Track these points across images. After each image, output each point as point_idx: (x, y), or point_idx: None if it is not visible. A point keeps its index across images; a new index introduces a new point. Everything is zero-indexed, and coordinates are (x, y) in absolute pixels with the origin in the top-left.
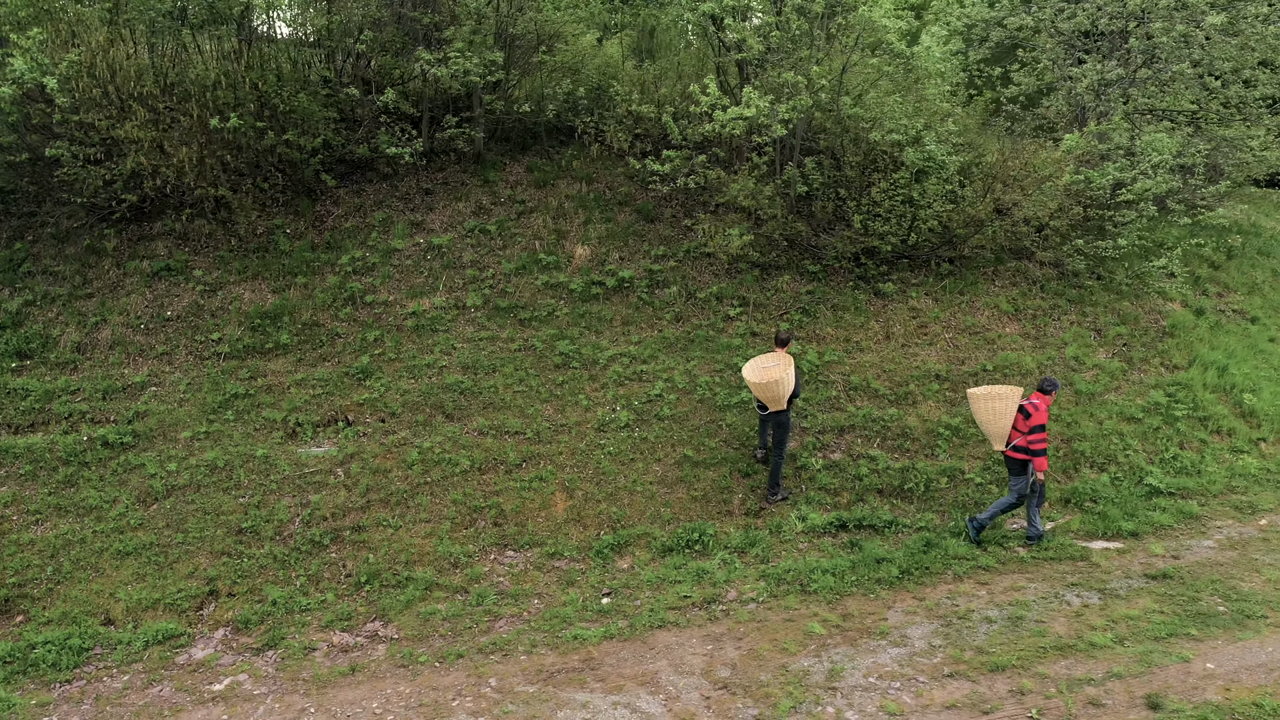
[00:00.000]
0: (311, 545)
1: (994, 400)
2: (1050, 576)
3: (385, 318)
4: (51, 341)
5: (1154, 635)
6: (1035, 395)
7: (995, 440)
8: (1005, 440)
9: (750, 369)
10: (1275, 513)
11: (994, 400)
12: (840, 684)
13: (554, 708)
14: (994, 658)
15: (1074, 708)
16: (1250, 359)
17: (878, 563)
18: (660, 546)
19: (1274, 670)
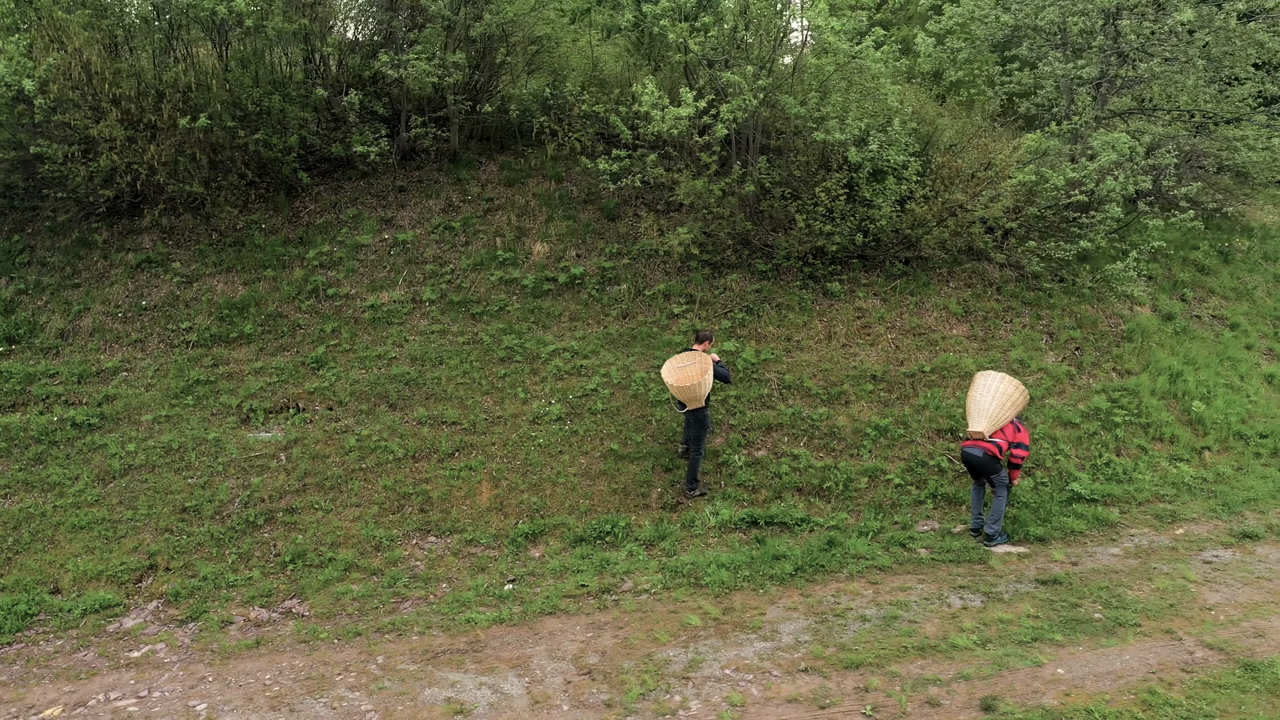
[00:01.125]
0: (246, 525)
1: (1006, 384)
2: (941, 578)
3: (345, 310)
4: (38, 328)
5: (1018, 639)
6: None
7: (984, 420)
8: (996, 427)
9: (668, 369)
10: (1196, 522)
11: (1006, 384)
12: (696, 674)
13: (425, 685)
14: (853, 655)
15: (910, 706)
16: (1214, 366)
17: (775, 559)
18: (573, 537)
19: (1121, 678)
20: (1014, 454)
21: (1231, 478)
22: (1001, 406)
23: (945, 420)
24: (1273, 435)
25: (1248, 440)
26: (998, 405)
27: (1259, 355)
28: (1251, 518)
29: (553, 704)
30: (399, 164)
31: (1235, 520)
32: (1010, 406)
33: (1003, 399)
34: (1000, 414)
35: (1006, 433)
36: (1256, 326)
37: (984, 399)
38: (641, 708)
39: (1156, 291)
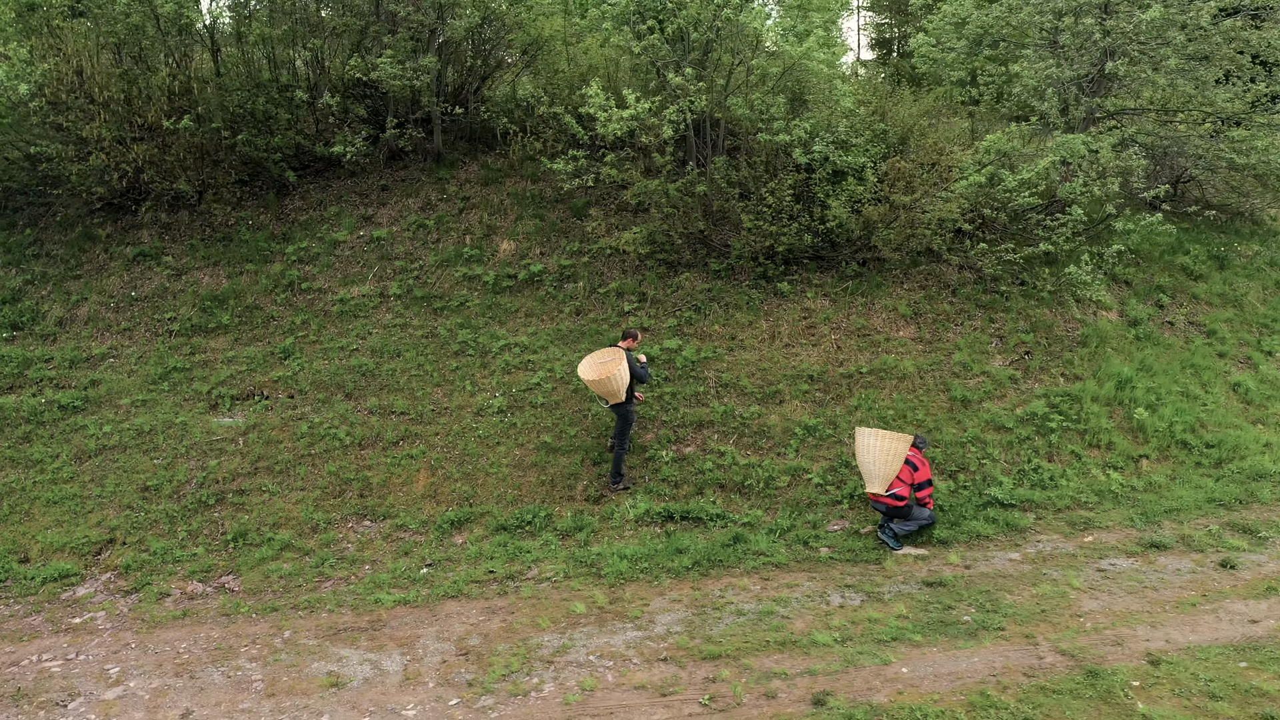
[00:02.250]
0: (199, 504)
1: (891, 442)
2: (831, 577)
3: (316, 303)
4: (40, 316)
5: (879, 638)
6: (912, 448)
7: (877, 482)
8: (887, 485)
9: (585, 366)
10: (1109, 530)
11: (891, 442)
12: (561, 659)
13: (316, 659)
14: (715, 647)
15: (746, 697)
16: (1173, 373)
17: (676, 553)
18: (496, 525)
19: (959, 679)
20: (919, 495)
21: (1163, 486)
22: (887, 463)
23: (875, 422)
24: (1220, 445)
25: (1191, 449)
26: (883, 463)
27: (1232, 363)
28: (1168, 527)
29: (421, 681)
30: (385, 164)
31: (1150, 530)
32: (895, 457)
33: (886, 455)
34: (889, 469)
35: (904, 477)
36: (1238, 334)
37: (868, 460)
38: (498, 688)
39: (1129, 296)
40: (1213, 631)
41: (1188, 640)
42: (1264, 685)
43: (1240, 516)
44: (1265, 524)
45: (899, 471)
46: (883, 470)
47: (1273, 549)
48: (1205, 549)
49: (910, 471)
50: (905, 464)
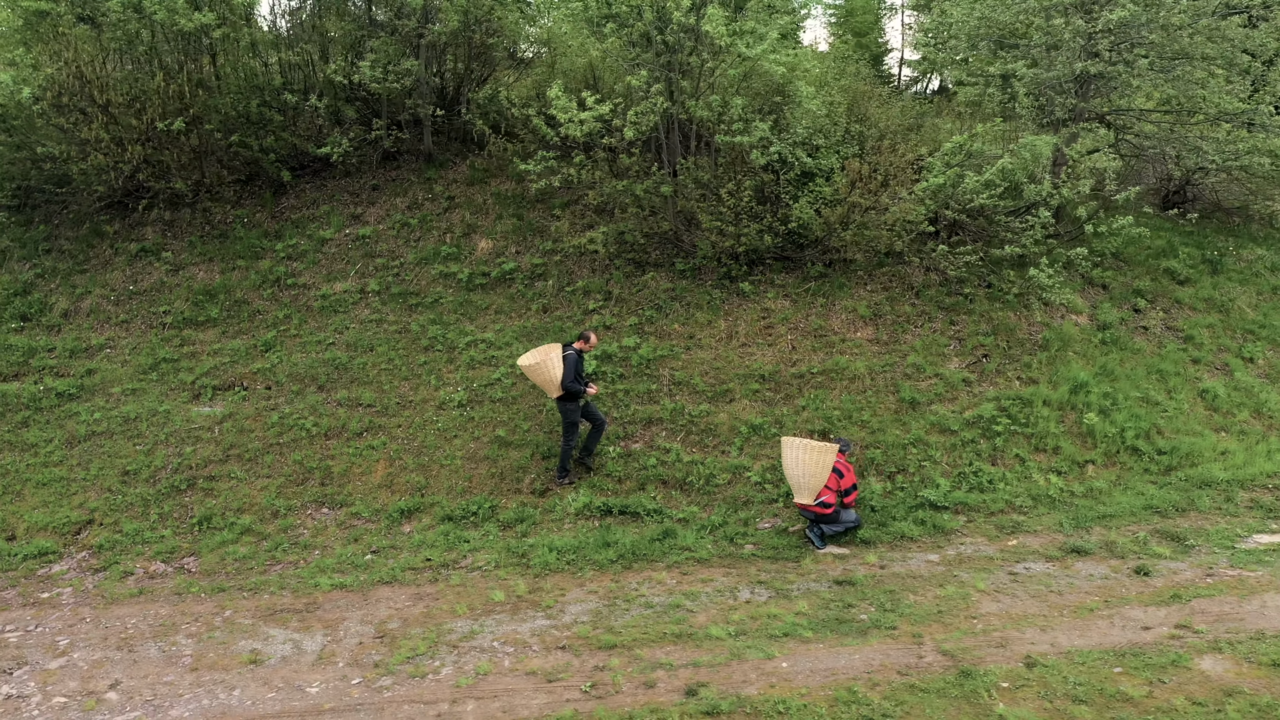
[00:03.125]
0: (172, 489)
1: (819, 453)
2: (747, 573)
3: (300, 299)
4: (47, 307)
5: (771, 633)
6: (838, 454)
7: (806, 494)
8: (816, 494)
9: (525, 355)
10: (1035, 535)
11: (819, 453)
12: (467, 644)
13: (245, 638)
14: (613, 637)
15: (625, 686)
16: (1137, 378)
17: (604, 546)
18: (443, 515)
19: (835, 675)
20: (846, 500)
21: (1103, 492)
22: (814, 473)
23: (821, 422)
24: (1173, 452)
25: (1141, 455)
26: (810, 474)
27: (1205, 369)
28: (1096, 533)
29: (333, 661)
30: (379, 164)
31: (1077, 535)
32: (823, 468)
33: (812, 466)
34: (816, 479)
35: (831, 485)
36: (1219, 339)
37: (796, 471)
38: (401, 669)
39: (1103, 300)
40: (1101, 637)
41: (1072, 644)
42: (1130, 690)
43: (1173, 524)
44: (1196, 532)
45: (826, 480)
46: (810, 481)
47: (1196, 557)
48: (1126, 555)
49: (836, 479)
50: (832, 472)
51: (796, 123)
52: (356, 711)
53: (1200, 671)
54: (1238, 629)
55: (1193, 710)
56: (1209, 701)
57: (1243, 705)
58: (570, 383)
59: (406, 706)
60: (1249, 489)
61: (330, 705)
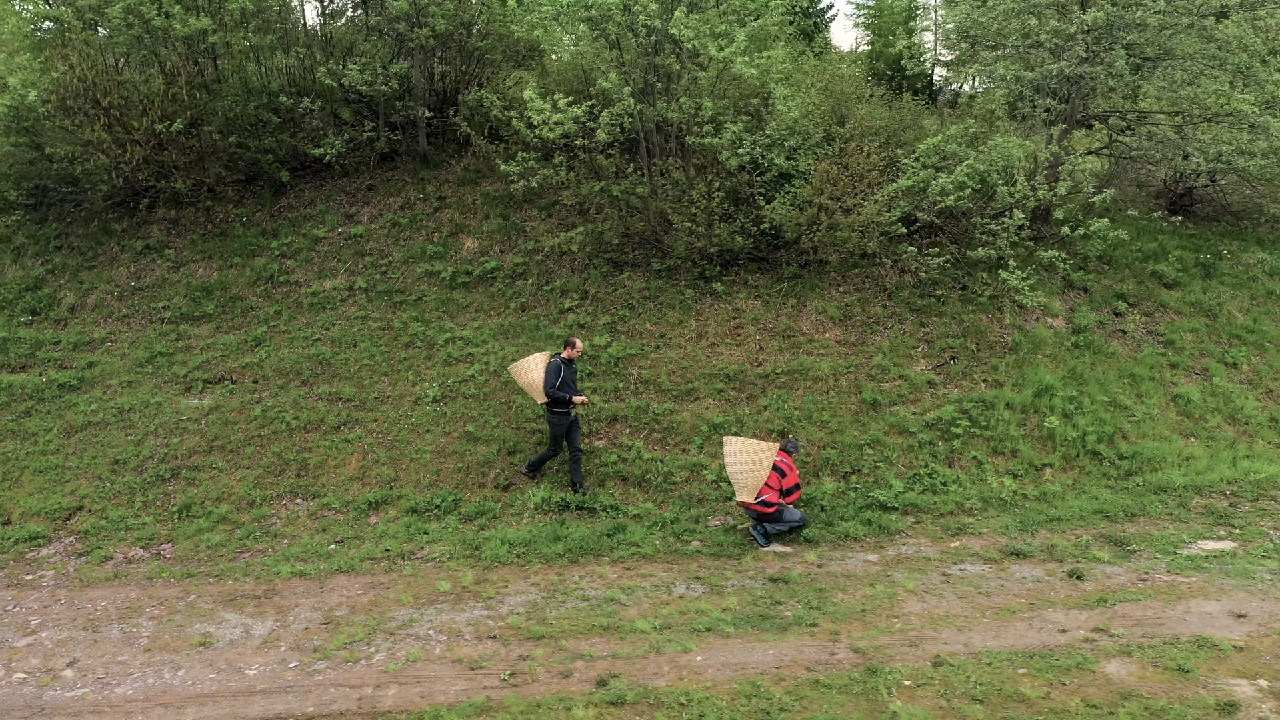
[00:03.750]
0: (157, 478)
1: (758, 451)
2: (687, 569)
3: (291, 295)
4: (56, 302)
5: (694, 628)
6: (781, 453)
7: (746, 491)
8: (756, 493)
9: (517, 362)
10: (980, 537)
11: (758, 451)
12: (404, 631)
13: (201, 621)
14: (543, 628)
15: (542, 675)
16: (1108, 382)
17: (555, 540)
18: (408, 507)
19: (744, 669)
20: (787, 499)
21: (1056, 496)
22: (753, 472)
23: (781, 422)
24: (1135, 456)
25: (1102, 459)
26: (749, 472)
27: (1183, 374)
28: (1041, 536)
29: (276, 645)
30: (376, 165)
31: (1021, 538)
32: (762, 466)
33: (752, 465)
34: (756, 478)
35: (772, 484)
36: (1203, 344)
37: (736, 469)
38: (337, 654)
39: (1082, 303)
40: (1016, 638)
41: (985, 645)
42: (1029, 691)
43: (1120, 529)
44: (1141, 537)
45: (767, 478)
46: (749, 479)
47: (1134, 562)
48: (1065, 559)
49: (778, 478)
50: (773, 470)
51: (767, 124)
52: (286, 693)
53: (1104, 674)
54: (1154, 634)
55: (1086, 712)
56: (1104, 704)
57: (1136, 709)
58: (552, 389)
59: (333, 689)
60: (1205, 495)
61: (263, 686)
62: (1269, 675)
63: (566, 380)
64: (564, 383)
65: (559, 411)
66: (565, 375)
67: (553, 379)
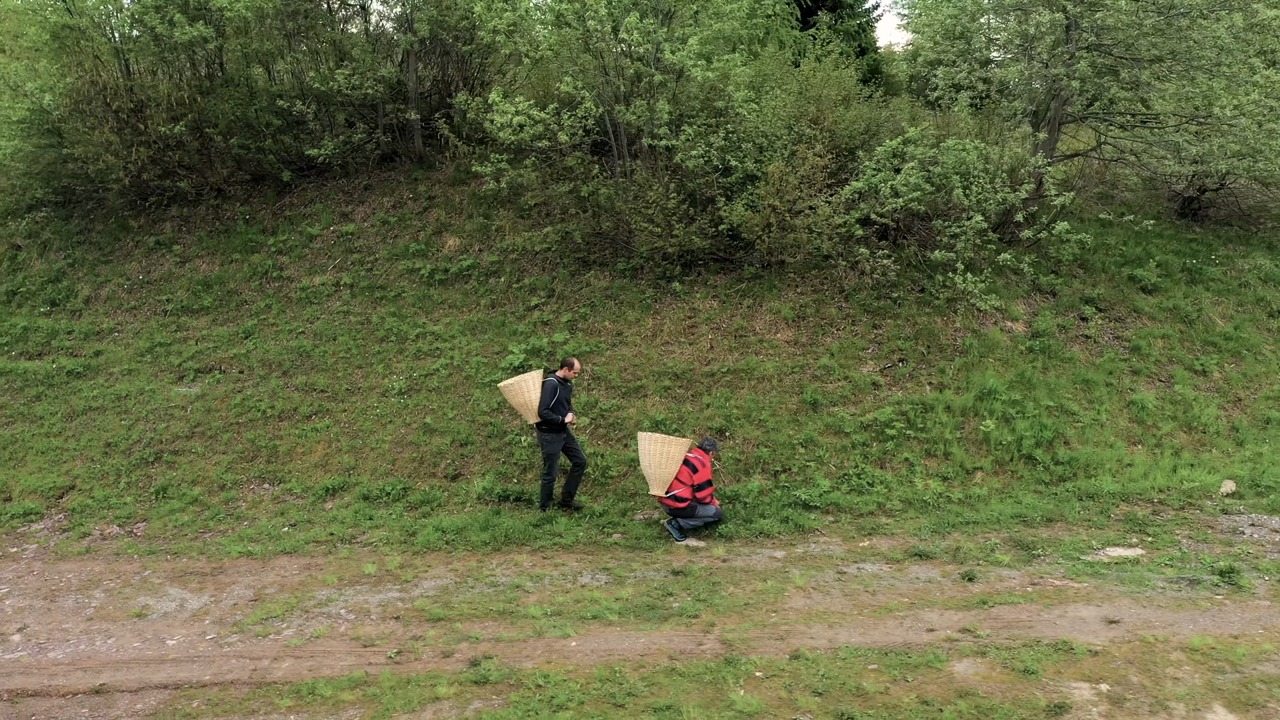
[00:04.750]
0: (141, 461)
1: (668, 446)
2: (599, 560)
3: (283, 290)
4: (73, 294)
5: (581, 615)
6: (697, 450)
7: (656, 485)
8: (666, 487)
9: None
10: (892, 537)
11: (668, 446)
12: (319, 609)
13: (147, 595)
14: (445, 611)
15: (425, 654)
16: (1058, 387)
17: (483, 529)
18: (362, 494)
19: (610, 655)
20: (699, 495)
21: (981, 499)
22: (663, 466)
23: (720, 420)
24: (1072, 462)
25: (1036, 464)
26: (659, 466)
27: (1144, 380)
28: (952, 539)
29: (203, 618)
30: (375, 165)
31: (932, 540)
32: (671, 460)
33: (662, 459)
34: (666, 472)
35: (684, 479)
36: (1173, 351)
37: (648, 463)
38: (251, 628)
39: (1047, 307)
40: (882, 636)
41: (848, 641)
42: (869, 686)
43: (1033, 533)
44: (1050, 542)
45: (678, 473)
46: (660, 473)
47: (1035, 566)
48: (966, 561)
49: (690, 473)
50: (685, 466)
51: (721, 127)
52: (192, 662)
53: (949, 673)
54: (1018, 636)
55: (917, 708)
56: (936, 701)
57: (965, 707)
58: (546, 410)
59: (234, 660)
60: (1132, 503)
61: (175, 655)
62: (1113, 680)
63: (561, 400)
64: (559, 403)
65: (551, 433)
66: (560, 395)
67: (548, 399)
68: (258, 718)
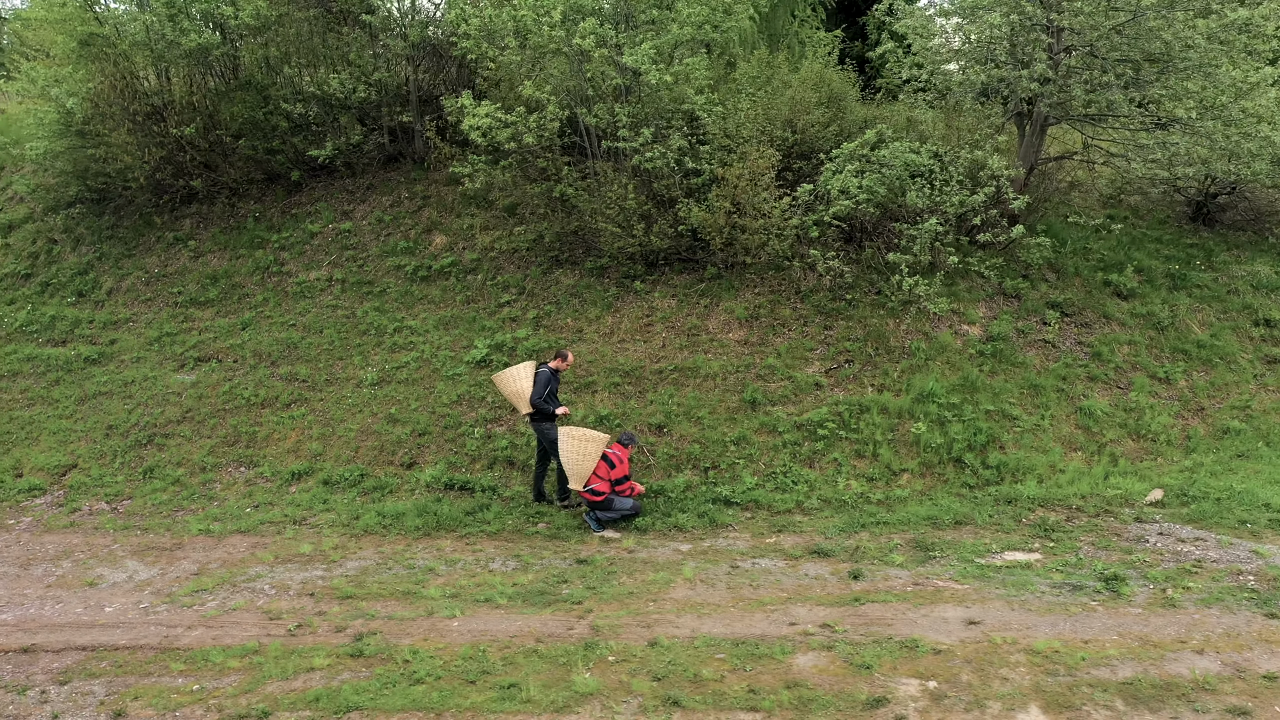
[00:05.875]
0: (136, 443)
1: (585, 442)
2: (516, 548)
3: (281, 285)
4: (98, 285)
5: (475, 598)
6: (616, 446)
7: (575, 479)
8: (585, 481)
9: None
10: (800, 535)
11: (585, 442)
12: (247, 584)
13: (106, 566)
14: (357, 590)
15: (320, 629)
16: (1005, 391)
17: (420, 514)
18: (323, 479)
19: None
20: (618, 489)
21: (899, 500)
22: (580, 461)
23: (660, 416)
24: (1001, 466)
25: (965, 467)
26: (577, 461)
27: (1100, 386)
28: (858, 538)
29: (145, 589)
30: (381, 166)
31: (837, 539)
32: (588, 456)
33: (579, 454)
34: (583, 467)
35: (601, 473)
36: (1138, 358)
37: (566, 458)
38: (182, 599)
39: (1008, 311)
40: (745, 627)
41: (709, 631)
42: (706, 674)
43: (938, 535)
44: (951, 544)
45: (596, 468)
46: (578, 468)
47: (926, 567)
48: (861, 560)
49: (607, 468)
50: (603, 461)
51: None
52: (117, 628)
53: (788, 665)
54: (873, 633)
55: (743, 696)
56: (763, 690)
57: (789, 697)
58: (539, 399)
59: (153, 628)
60: (1050, 508)
61: (104, 622)
62: (944, 678)
63: (553, 391)
64: (550, 394)
65: (546, 422)
66: (552, 387)
67: (542, 389)
68: (150, 679)
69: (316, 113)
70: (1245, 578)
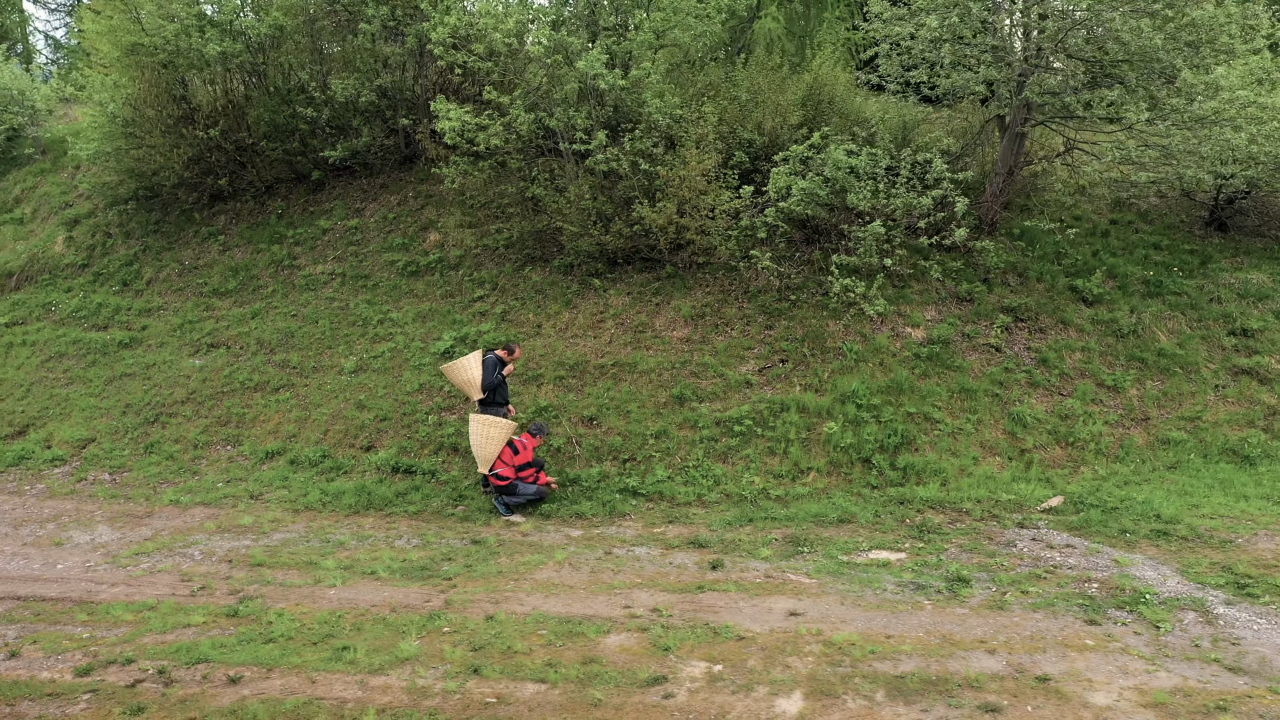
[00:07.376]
0: (145, 421)
1: (489, 427)
2: (426, 527)
3: (290, 278)
4: (140, 276)
5: (363, 571)
6: (525, 435)
7: (481, 463)
8: (490, 465)
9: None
10: (689, 526)
11: (489, 427)
12: (182, 550)
13: (80, 529)
14: (270, 558)
15: (219, 590)
16: (934, 395)
17: (358, 494)
18: (291, 459)
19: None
20: (522, 474)
21: (797, 498)
22: (484, 446)
23: (593, 409)
24: (909, 468)
25: (871, 468)
26: (481, 445)
27: (1041, 392)
28: (740, 532)
29: (98, 550)
30: (395, 166)
31: (720, 531)
32: (492, 441)
33: (483, 440)
34: (488, 452)
35: (506, 459)
36: (1089, 365)
37: (472, 442)
38: (123, 560)
39: (957, 315)
40: (581, 608)
41: (547, 610)
42: (518, 647)
43: (816, 532)
44: (824, 541)
45: (501, 454)
46: (482, 452)
47: (789, 561)
48: (731, 552)
49: (512, 454)
50: (508, 447)
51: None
52: (56, 582)
53: (596, 643)
54: (695, 620)
55: (539, 668)
56: (560, 664)
57: (578, 671)
58: (489, 383)
59: (84, 584)
60: (939, 510)
61: (49, 576)
62: (731, 662)
63: (503, 380)
64: (501, 382)
65: (496, 409)
66: (500, 374)
67: (490, 374)
68: (56, 627)
69: (329, 115)
70: (1089, 585)
